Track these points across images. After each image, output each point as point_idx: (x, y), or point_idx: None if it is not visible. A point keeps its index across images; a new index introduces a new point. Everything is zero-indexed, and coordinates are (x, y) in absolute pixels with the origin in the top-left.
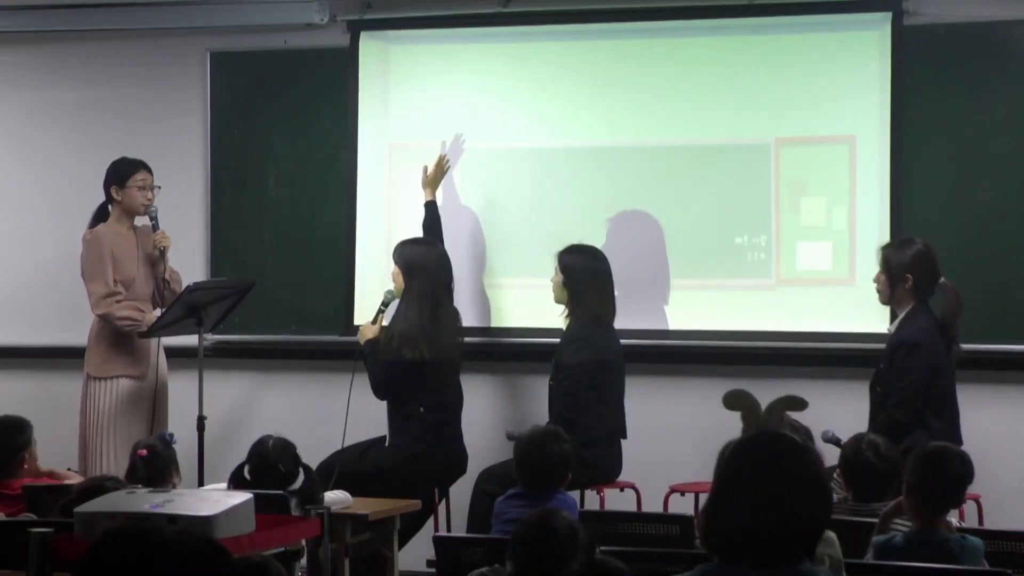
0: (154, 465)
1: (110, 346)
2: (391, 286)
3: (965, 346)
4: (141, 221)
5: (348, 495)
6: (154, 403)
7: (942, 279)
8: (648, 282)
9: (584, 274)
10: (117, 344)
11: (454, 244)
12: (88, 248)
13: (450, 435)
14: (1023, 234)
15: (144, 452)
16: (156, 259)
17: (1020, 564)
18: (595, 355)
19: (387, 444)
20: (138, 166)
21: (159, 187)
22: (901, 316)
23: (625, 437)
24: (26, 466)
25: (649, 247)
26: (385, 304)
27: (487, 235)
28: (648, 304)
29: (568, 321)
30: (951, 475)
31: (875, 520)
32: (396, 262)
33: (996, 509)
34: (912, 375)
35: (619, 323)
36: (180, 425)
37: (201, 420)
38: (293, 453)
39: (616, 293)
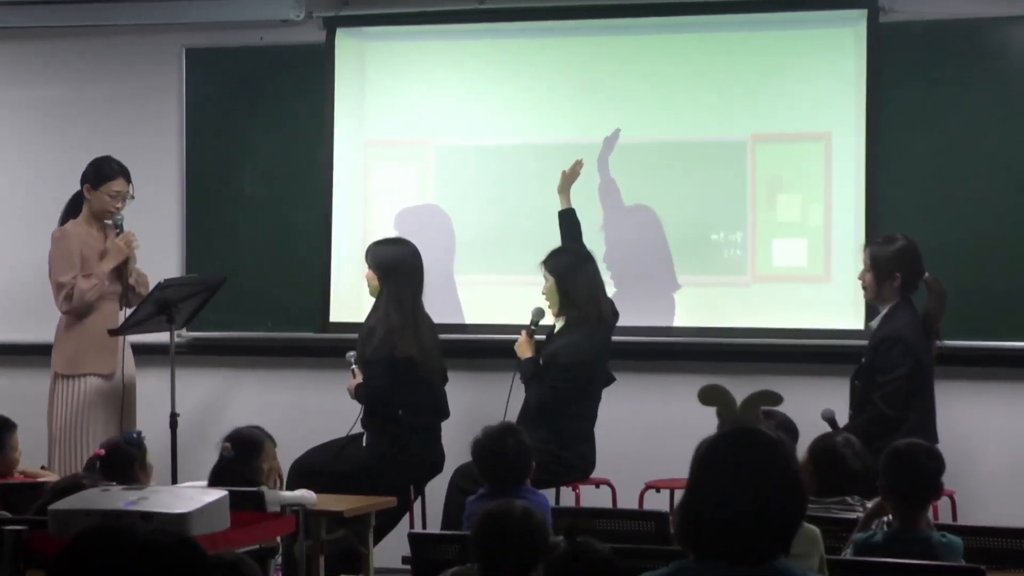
0: (115, 465)
1: (77, 344)
2: (378, 284)
3: (943, 343)
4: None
5: (313, 494)
6: (122, 401)
7: (927, 274)
8: (635, 280)
9: (574, 273)
10: (84, 342)
11: (431, 243)
12: (57, 245)
13: (427, 437)
14: (999, 231)
15: (102, 452)
16: (121, 264)
17: (995, 560)
18: (585, 356)
19: (364, 443)
20: (118, 174)
21: (133, 197)
22: (884, 312)
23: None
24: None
25: (644, 243)
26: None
27: (459, 232)
28: (628, 303)
29: (560, 321)
30: (922, 470)
31: (828, 516)
32: (369, 265)
33: (972, 505)
34: (896, 370)
35: None
36: (152, 423)
37: (174, 417)
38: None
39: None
